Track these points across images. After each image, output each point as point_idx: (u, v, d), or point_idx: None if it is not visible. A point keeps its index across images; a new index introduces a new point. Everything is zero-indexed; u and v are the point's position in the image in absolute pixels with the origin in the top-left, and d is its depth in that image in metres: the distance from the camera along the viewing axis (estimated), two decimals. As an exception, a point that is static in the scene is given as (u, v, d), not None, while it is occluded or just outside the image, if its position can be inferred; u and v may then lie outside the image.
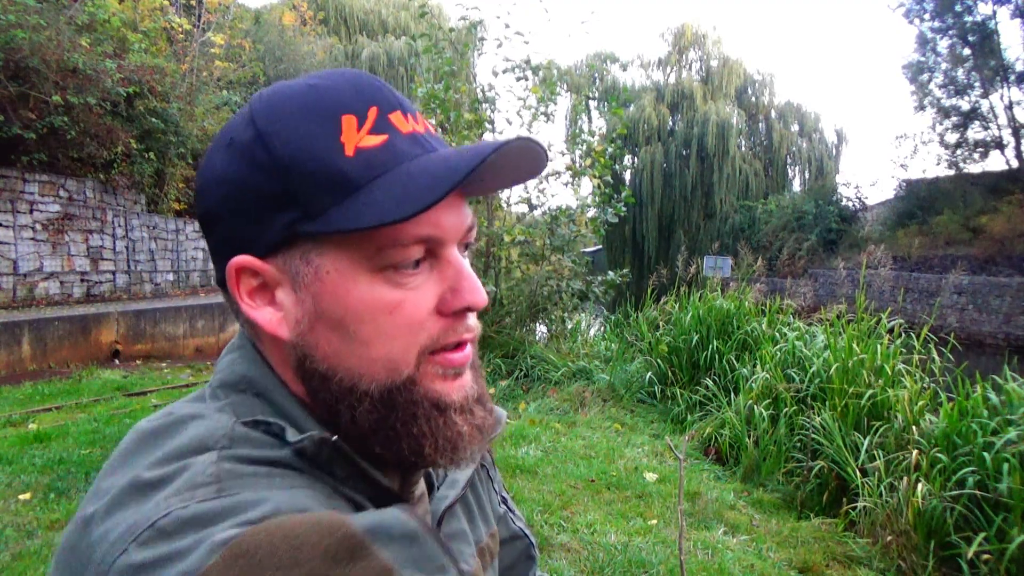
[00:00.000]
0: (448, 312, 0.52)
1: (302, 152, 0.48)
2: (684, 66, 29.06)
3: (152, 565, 0.38)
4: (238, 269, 0.51)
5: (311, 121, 0.49)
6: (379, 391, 0.50)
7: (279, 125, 0.49)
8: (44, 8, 9.28)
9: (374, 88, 0.52)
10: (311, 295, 0.50)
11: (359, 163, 0.48)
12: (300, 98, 0.50)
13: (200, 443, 0.46)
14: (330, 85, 0.51)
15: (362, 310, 0.49)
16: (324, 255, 0.49)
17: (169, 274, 12.61)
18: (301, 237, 0.49)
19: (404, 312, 0.50)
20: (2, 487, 3.67)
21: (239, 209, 0.50)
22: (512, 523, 0.78)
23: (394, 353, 0.50)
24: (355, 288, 0.49)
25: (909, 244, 18.57)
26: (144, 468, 0.44)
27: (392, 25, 24.32)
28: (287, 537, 0.37)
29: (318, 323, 0.50)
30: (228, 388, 0.53)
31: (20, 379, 6.97)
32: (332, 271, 0.49)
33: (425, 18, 7.62)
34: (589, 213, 8.21)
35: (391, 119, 0.51)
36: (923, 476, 3.44)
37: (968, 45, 20.08)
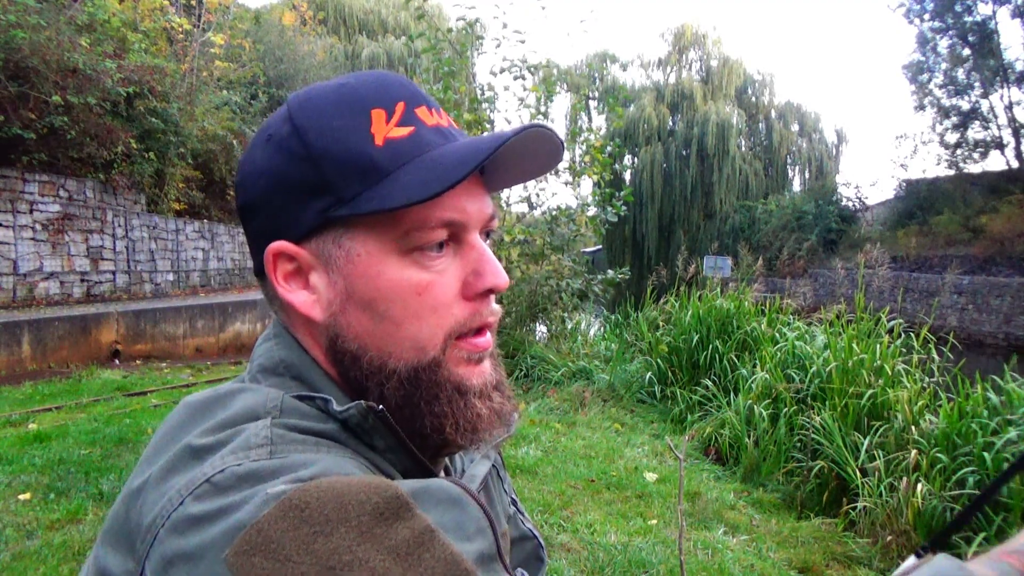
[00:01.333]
0: (472, 295, 0.54)
1: (336, 143, 0.52)
2: (684, 66, 29.07)
3: (208, 517, 0.40)
4: (275, 254, 0.54)
5: (343, 115, 0.53)
6: (406, 370, 0.53)
7: (314, 120, 0.53)
8: (44, 8, 9.28)
9: (400, 85, 0.55)
10: (343, 277, 0.53)
11: (388, 152, 0.52)
12: (332, 95, 0.54)
13: (251, 412, 0.48)
14: (360, 83, 0.55)
15: (391, 291, 0.52)
16: (355, 238, 0.52)
17: (169, 274, 12.61)
18: (334, 222, 0.52)
19: (432, 293, 0.53)
20: (2, 487, 3.67)
21: (277, 198, 0.53)
22: (522, 524, 0.79)
23: (422, 334, 0.53)
24: (385, 269, 0.52)
25: (909, 244, 18.58)
26: (195, 436, 0.46)
27: (392, 25, 24.33)
28: (337, 494, 0.40)
29: (349, 304, 0.53)
30: (267, 372, 0.55)
31: (20, 379, 6.97)
32: (363, 253, 0.52)
33: (424, 19, 7.60)
34: (589, 212, 8.22)
35: (417, 112, 0.54)
36: (923, 476, 3.44)
37: (968, 45, 20.08)
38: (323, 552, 0.38)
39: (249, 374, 0.57)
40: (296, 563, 0.38)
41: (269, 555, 0.38)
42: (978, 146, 21.11)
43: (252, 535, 0.39)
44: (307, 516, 0.39)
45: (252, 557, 0.38)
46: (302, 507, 0.40)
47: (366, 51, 22.61)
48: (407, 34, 8.64)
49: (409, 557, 0.39)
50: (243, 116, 14.57)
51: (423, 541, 0.40)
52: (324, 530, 0.39)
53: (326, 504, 0.40)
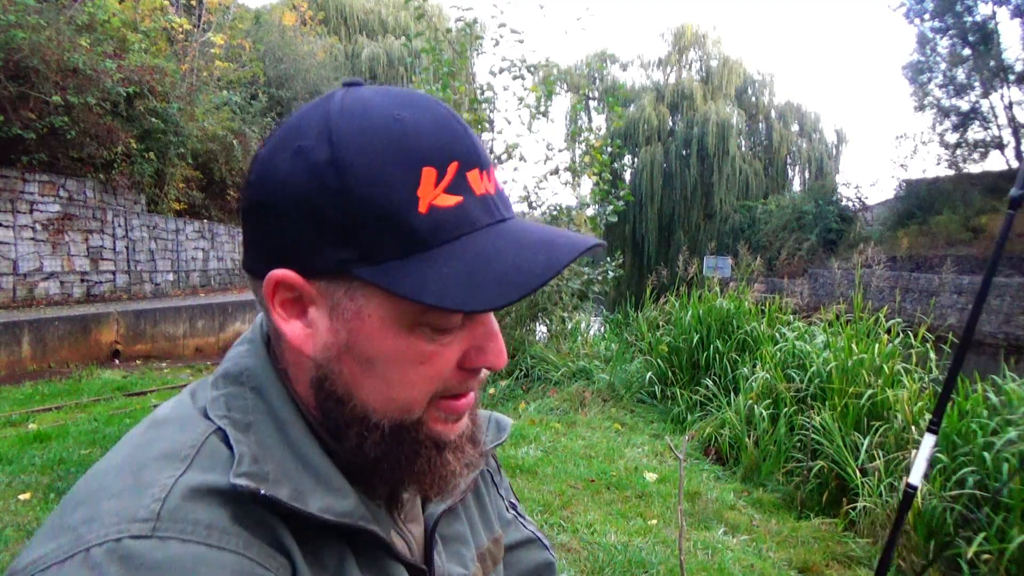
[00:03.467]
0: (468, 367, 0.54)
1: (377, 196, 0.47)
2: (684, 66, 29.08)
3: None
4: (278, 281, 0.51)
5: (393, 165, 0.48)
6: (390, 426, 0.52)
7: (359, 158, 0.48)
8: (44, 8, 9.28)
9: (457, 137, 0.51)
10: (347, 330, 0.51)
11: (430, 222, 0.48)
12: (384, 133, 0.49)
13: (167, 456, 0.49)
14: (417, 122, 0.50)
15: (394, 356, 0.51)
16: (371, 299, 0.49)
17: (169, 274, 12.60)
18: (351, 274, 0.49)
19: (433, 365, 0.52)
20: (2, 487, 3.67)
21: (296, 221, 0.49)
22: (523, 527, 0.79)
23: (412, 397, 0.52)
24: (393, 336, 0.50)
25: (909, 244, 18.59)
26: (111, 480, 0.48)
27: (392, 25, 24.34)
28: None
29: (346, 355, 0.51)
30: (229, 379, 0.55)
31: (20, 379, 6.97)
32: (375, 316, 0.50)
33: (423, 19, 7.60)
34: (588, 211, 8.21)
35: (468, 178, 0.50)
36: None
37: (968, 45, 20.08)
38: None
39: (213, 377, 0.56)
40: None
41: None
42: (978, 146, 21.13)
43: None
44: None
45: None
46: None
47: (366, 51, 22.61)
48: (407, 34, 8.62)
49: None
50: (243, 116, 14.57)
51: None
52: None
53: None
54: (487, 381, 6.35)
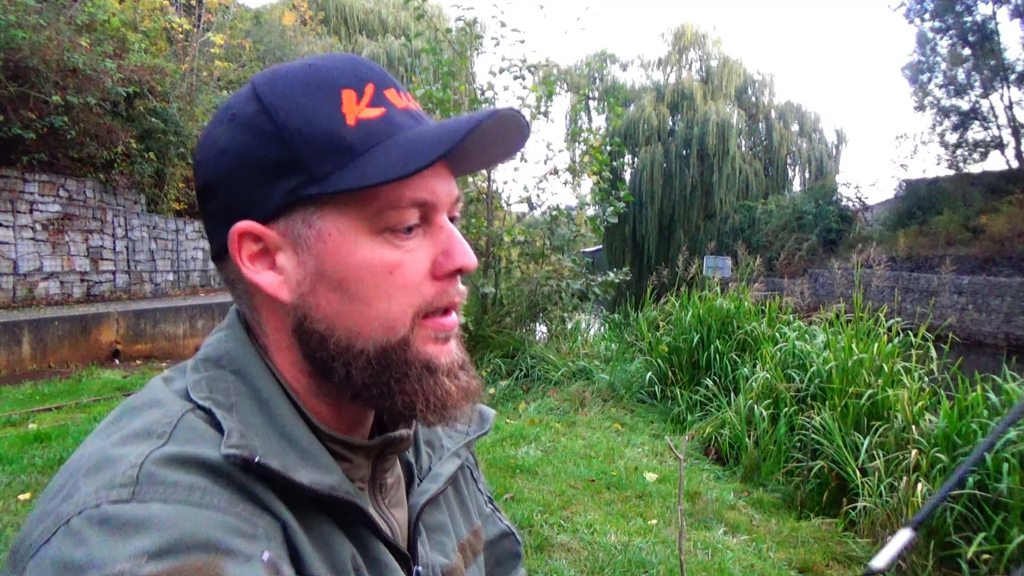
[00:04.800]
0: (441, 275, 0.55)
1: (307, 122, 0.51)
2: (684, 66, 29.07)
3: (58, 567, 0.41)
4: (240, 234, 0.53)
5: (313, 95, 0.52)
6: (375, 350, 0.53)
7: (284, 99, 0.52)
8: (44, 8, 9.27)
9: (368, 67, 0.55)
10: (313, 256, 0.53)
11: (360, 132, 0.52)
12: (301, 75, 0.54)
13: (143, 433, 0.48)
14: (328, 64, 0.55)
15: (363, 269, 0.52)
16: (326, 218, 0.52)
17: (169, 274, 12.60)
18: (304, 202, 0.52)
19: (402, 272, 0.53)
20: (2, 487, 3.67)
21: (242, 177, 0.53)
22: (500, 522, 0.80)
23: (391, 313, 0.53)
24: (357, 248, 0.52)
25: (909, 244, 18.58)
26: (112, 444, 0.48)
27: (392, 25, 24.33)
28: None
29: (319, 283, 0.53)
30: (209, 363, 0.55)
31: (20, 379, 6.97)
32: (334, 232, 0.52)
33: (423, 19, 7.60)
34: (588, 212, 8.21)
35: (386, 94, 0.54)
36: (923, 476, 3.44)
37: (968, 45, 20.08)
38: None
39: (194, 360, 0.56)
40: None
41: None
42: (978, 146, 21.10)
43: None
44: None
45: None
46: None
47: (366, 51, 22.60)
48: (407, 34, 8.62)
49: None
50: (243, 116, 14.54)
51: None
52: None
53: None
54: (487, 381, 6.36)
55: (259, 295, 0.55)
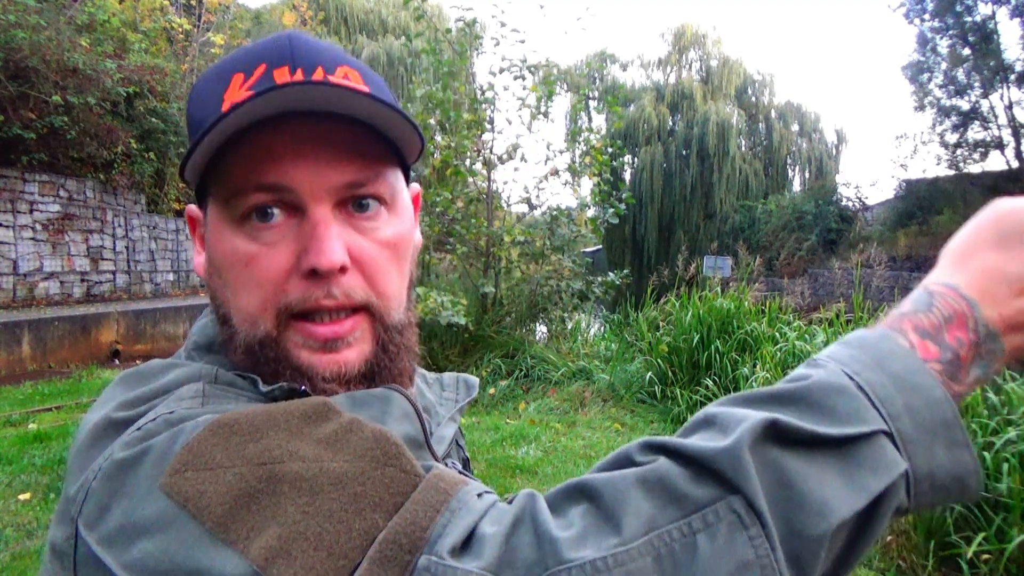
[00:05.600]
0: (302, 272, 0.50)
1: (195, 109, 0.54)
2: (684, 66, 29.06)
3: (138, 456, 0.41)
4: (189, 216, 0.58)
5: (211, 81, 0.53)
6: (245, 341, 0.52)
7: (196, 87, 0.55)
8: (44, 8, 9.27)
9: (276, 47, 0.52)
10: (208, 244, 0.55)
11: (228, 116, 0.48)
12: (219, 63, 0.55)
13: (185, 379, 0.49)
14: (246, 48, 0.54)
15: (225, 259, 0.52)
16: (212, 207, 0.53)
17: (169, 274, 12.60)
18: (204, 190, 0.54)
19: (258, 266, 0.50)
20: (2, 487, 3.67)
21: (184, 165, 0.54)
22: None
23: (251, 307, 0.51)
24: (223, 238, 0.52)
25: (909, 244, 18.58)
26: (115, 409, 0.47)
27: (392, 25, 24.33)
28: (265, 410, 0.42)
29: (211, 270, 0.55)
30: (201, 350, 0.56)
31: (20, 379, 6.97)
32: (212, 218, 0.53)
33: (423, 19, 7.60)
34: (589, 212, 8.21)
35: (275, 74, 0.50)
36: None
37: (968, 45, 20.08)
38: (253, 453, 0.39)
39: (185, 351, 0.57)
40: (227, 468, 0.39)
41: (200, 467, 0.39)
42: (978, 146, 21.10)
43: (183, 456, 0.40)
44: (236, 429, 0.41)
45: (184, 474, 0.39)
46: (231, 424, 0.41)
47: (366, 51, 22.60)
48: (407, 34, 8.63)
49: (337, 443, 0.41)
50: (243, 116, 14.55)
51: (351, 428, 0.42)
52: (254, 437, 0.40)
53: (255, 417, 0.41)
54: (487, 381, 6.36)
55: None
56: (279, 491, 0.38)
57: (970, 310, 0.44)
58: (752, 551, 0.34)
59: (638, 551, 0.34)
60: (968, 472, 0.40)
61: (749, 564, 0.34)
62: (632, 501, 0.36)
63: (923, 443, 0.39)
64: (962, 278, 0.45)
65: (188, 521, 0.37)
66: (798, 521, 0.35)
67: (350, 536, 0.37)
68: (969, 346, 0.43)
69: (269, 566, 0.36)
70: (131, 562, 0.38)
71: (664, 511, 0.36)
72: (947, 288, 0.45)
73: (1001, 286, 0.45)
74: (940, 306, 0.44)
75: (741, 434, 0.37)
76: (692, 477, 0.37)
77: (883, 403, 0.39)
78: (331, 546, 0.37)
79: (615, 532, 0.35)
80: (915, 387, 0.40)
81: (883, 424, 0.39)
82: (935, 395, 0.40)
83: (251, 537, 0.37)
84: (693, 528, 0.35)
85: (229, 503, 0.38)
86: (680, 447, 0.38)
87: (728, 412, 0.39)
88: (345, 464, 0.40)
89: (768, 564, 0.34)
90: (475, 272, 7.74)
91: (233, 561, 0.36)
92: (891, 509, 0.38)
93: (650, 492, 0.37)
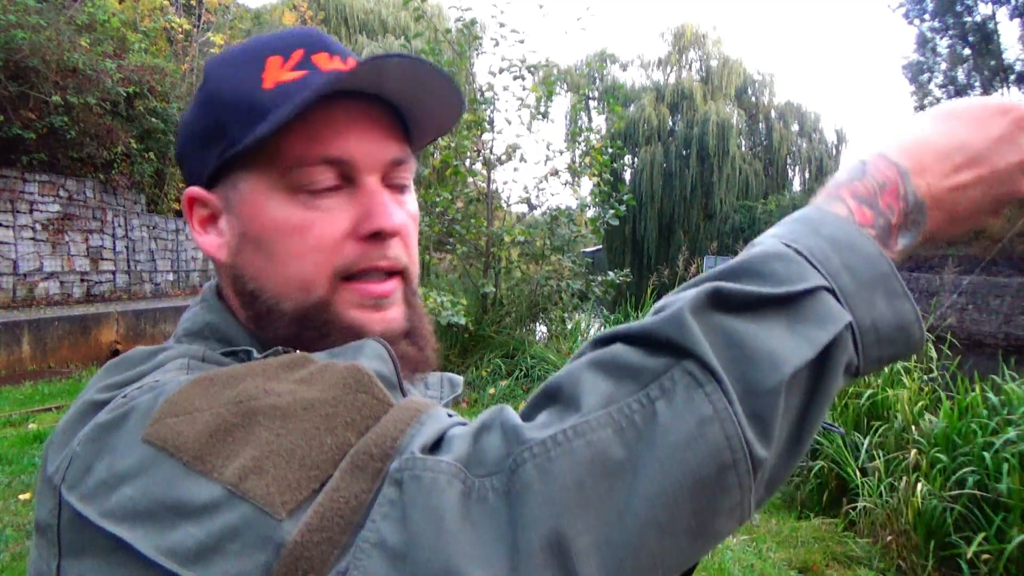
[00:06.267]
0: (361, 236, 0.54)
1: (228, 90, 0.54)
2: (684, 66, 29.06)
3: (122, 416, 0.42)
4: (189, 199, 0.57)
5: (238, 63, 0.55)
6: (295, 310, 0.54)
7: (216, 71, 0.56)
8: (44, 8, 9.27)
9: (307, 35, 0.57)
10: (238, 217, 0.54)
11: (276, 94, 0.52)
12: (240, 47, 0.57)
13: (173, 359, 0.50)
14: (269, 35, 0.57)
15: (275, 228, 0.53)
16: (248, 179, 0.54)
17: (169, 274, 12.61)
18: (231, 166, 0.54)
19: (313, 233, 0.52)
20: (2, 487, 3.67)
21: (189, 147, 0.57)
22: None
23: (305, 273, 0.53)
24: (269, 208, 0.53)
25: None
26: (97, 391, 0.47)
27: (392, 25, 24.33)
28: (247, 365, 0.44)
29: (244, 243, 0.54)
30: (192, 336, 0.56)
31: (20, 379, 6.97)
32: (251, 193, 0.53)
33: (422, 20, 7.60)
34: (589, 213, 8.20)
35: (314, 59, 0.55)
36: (923, 476, 3.44)
37: (968, 45, 20.09)
38: (231, 396, 0.40)
39: (174, 337, 0.58)
40: (205, 410, 0.40)
41: (179, 413, 0.40)
42: (978, 146, 21.09)
43: (165, 407, 0.41)
44: (216, 380, 0.42)
45: (164, 421, 0.40)
46: (211, 377, 0.42)
47: (366, 51, 22.60)
48: (407, 34, 8.63)
49: (312, 379, 0.42)
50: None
51: (325, 368, 0.43)
52: (232, 384, 0.41)
53: (235, 370, 0.43)
54: (487, 381, 6.36)
55: (213, 260, 0.57)
56: (253, 421, 0.39)
57: (900, 177, 0.45)
58: (710, 406, 0.35)
59: (597, 422, 0.35)
60: (909, 321, 0.41)
61: (708, 419, 0.35)
62: (588, 382, 0.37)
63: (863, 296, 0.40)
64: (894, 147, 0.47)
65: (166, 459, 0.39)
66: (751, 376, 0.36)
67: (322, 451, 0.38)
68: (899, 213, 0.45)
69: (242, 483, 0.37)
70: (110, 509, 0.39)
71: (621, 386, 0.36)
72: (879, 157, 0.46)
73: (930, 157, 0.46)
74: (873, 173, 0.46)
75: (683, 302, 0.38)
76: (644, 352, 0.37)
77: (821, 264, 0.40)
78: (302, 459, 0.38)
79: (575, 411, 0.36)
80: (851, 246, 0.41)
81: (823, 280, 0.39)
82: (870, 251, 0.42)
83: (226, 464, 0.38)
84: (651, 397, 0.35)
85: (205, 438, 0.39)
86: (628, 329, 0.39)
87: (675, 295, 0.40)
88: (317, 392, 0.41)
89: (727, 416, 0.35)
90: (475, 272, 7.74)
91: (209, 486, 0.37)
92: (841, 364, 0.39)
93: (606, 372, 0.37)
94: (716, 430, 0.34)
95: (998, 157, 0.47)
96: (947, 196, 0.46)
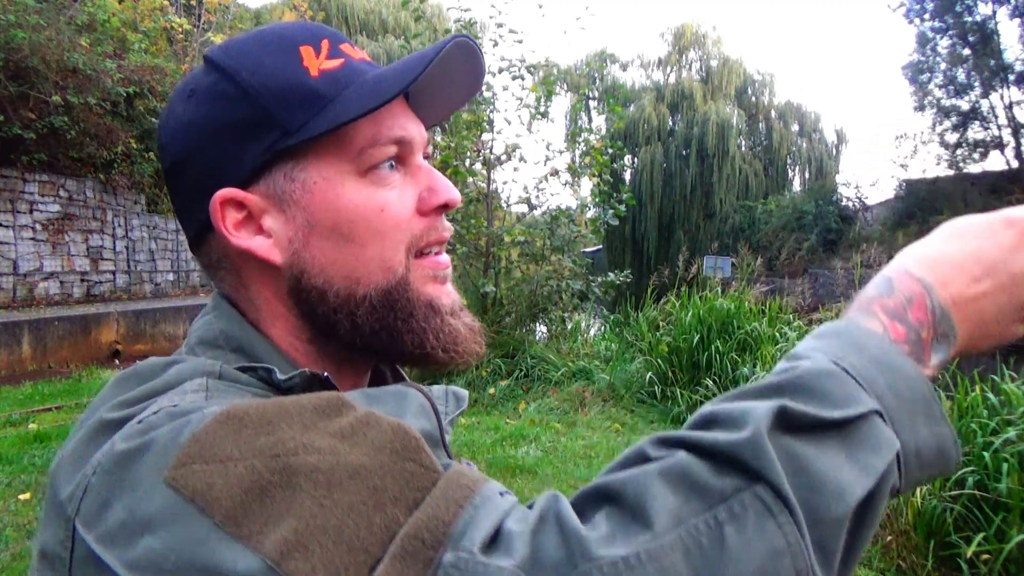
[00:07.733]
0: (427, 210, 0.55)
1: (271, 78, 0.51)
2: (684, 66, 29.06)
3: (141, 448, 0.39)
4: (223, 202, 0.51)
5: (273, 53, 0.53)
6: (377, 293, 0.53)
7: (243, 60, 0.52)
8: (44, 8, 9.28)
9: (320, 26, 0.57)
10: (302, 209, 0.52)
11: (326, 81, 0.52)
12: (256, 39, 0.54)
13: (188, 375, 0.47)
14: (280, 27, 0.56)
15: (355, 212, 0.52)
16: (309, 168, 0.52)
17: (169, 274, 12.61)
18: (281, 157, 0.51)
19: (392, 210, 0.53)
20: (2, 487, 3.67)
21: (212, 146, 0.52)
22: None
23: (386, 252, 0.53)
24: (345, 192, 0.52)
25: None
26: (109, 409, 0.45)
27: (392, 25, 24.34)
28: (276, 403, 0.40)
29: (312, 235, 0.52)
30: (206, 345, 0.53)
31: (20, 379, 6.97)
32: (320, 180, 0.52)
33: (421, 20, 7.60)
34: (589, 213, 8.21)
35: (342, 48, 0.55)
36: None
37: (968, 45, 20.08)
38: (265, 445, 0.38)
39: (187, 347, 0.54)
40: (237, 460, 0.37)
41: (208, 460, 0.37)
42: (978, 146, 21.10)
43: (190, 448, 0.38)
44: (247, 421, 0.39)
45: (191, 466, 0.37)
46: (241, 416, 0.39)
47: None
48: (406, 35, 8.63)
49: (354, 436, 0.39)
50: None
51: (367, 422, 0.40)
52: (265, 430, 0.39)
53: (266, 410, 0.40)
54: (487, 381, 6.37)
55: (248, 267, 0.54)
56: (294, 483, 0.36)
57: (926, 291, 0.46)
58: (783, 538, 0.34)
59: (671, 546, 0.34)
60: (948, 447, 0.42)
61: (780, 551, 0.34)
62: (657, 496, 0.35)
63: (907, 421, 0.40)
64: (914, 264, 0.48)
65: (196, 515, 0.36)
66: (819, 506, 0.35)
67: (370, 530, 0.36)
68: (928, 326, 0.46)
69: (284, 560, 0.34)
70: (135, 560, 0.36)
71: (689, 504, 0.35)
72: (904, 273, 0.47)
73: (950, 270, 0.47)
74: (900, 288, 0.46)
75: (757, 422, 0.36)
76: (714, 468, 0.36)
77: (869, 385, 0.40)
78: (350, 540, 0.35)
79: (644, 528, 0.34)
80: (893, 367, 0.41)
81: (874, 403, 0.39)
82: (911, 373, 0.42)
83: (264, 531, 0.35)
84: (719, 520, 0.34)
85: (240, 496, 0.36)
86: (698, 440, 0.38)
87: (730, 407, 0.39)
88: (363, 457, 0.38)
89: (799, 551, 0.34)
90: (475, 272, 7.74)
91: (246, 557, 0.35)
92: (888, 488, 0.39)
93: (673, 485, 0.36)
94: (787, 564, 0.34)
95: (1014, 263, 0.48)
96: (972, 305, 0.47)
